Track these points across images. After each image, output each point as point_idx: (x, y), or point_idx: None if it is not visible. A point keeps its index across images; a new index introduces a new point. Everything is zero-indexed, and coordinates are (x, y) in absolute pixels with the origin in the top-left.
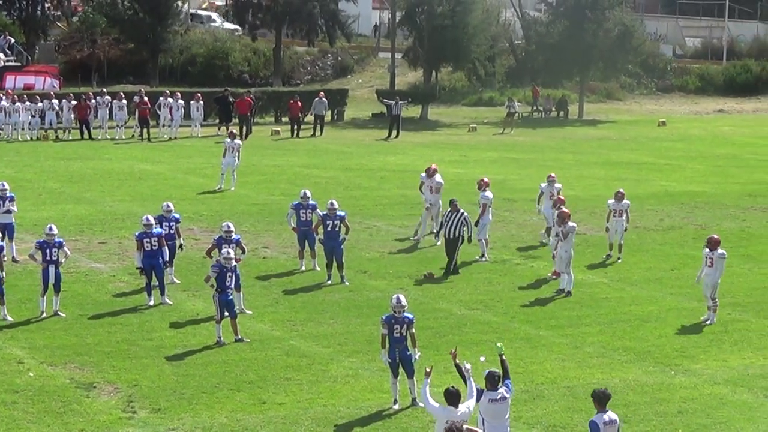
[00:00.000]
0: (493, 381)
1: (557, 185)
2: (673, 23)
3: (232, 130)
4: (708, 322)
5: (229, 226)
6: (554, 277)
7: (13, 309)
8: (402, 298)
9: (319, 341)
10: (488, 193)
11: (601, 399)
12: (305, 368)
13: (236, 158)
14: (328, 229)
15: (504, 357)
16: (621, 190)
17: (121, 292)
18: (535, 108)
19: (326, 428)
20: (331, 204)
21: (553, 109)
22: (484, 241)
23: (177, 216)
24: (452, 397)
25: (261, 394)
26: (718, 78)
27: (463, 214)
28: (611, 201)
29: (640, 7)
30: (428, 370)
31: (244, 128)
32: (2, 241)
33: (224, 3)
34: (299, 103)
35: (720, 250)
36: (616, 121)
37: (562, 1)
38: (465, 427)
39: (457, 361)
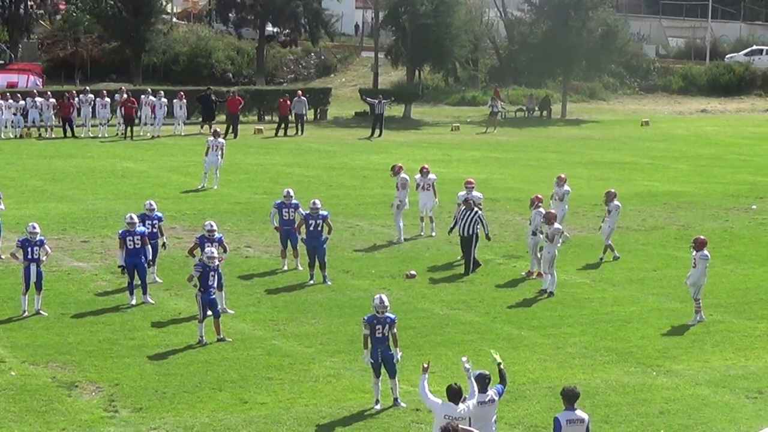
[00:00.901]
0: (482, 383)
1: (566, 187)
2: (657, 23)
3: (215, 128)
4: (690, 323)
5: (211, 225)
6: (527, 275)
7: None
8: (385, 298)
9: (301, 341)
10: (432, 176)
11: (569, 397)
12: (287, 368)
13: (219, 157)
14: (311, 228)
15: (502, 367)
16: (611, 190)
17: (104, 291)
18: (514, 109)
19: (308, 428)
20: (314, 203)
21: (537, 108)
22: None
23: (159, 214)
24: (454, 394)
25: (243, 394)
26: (701, 78)
27: (477, 212)
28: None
29: (623, 7)
30: (426, 365)
31: (232, 127)
32: None
33: (207, 3)
34: (288, 102)
35: (704, 252)
36: (599, 120)
37: (546, 1)
38: (461, 427)
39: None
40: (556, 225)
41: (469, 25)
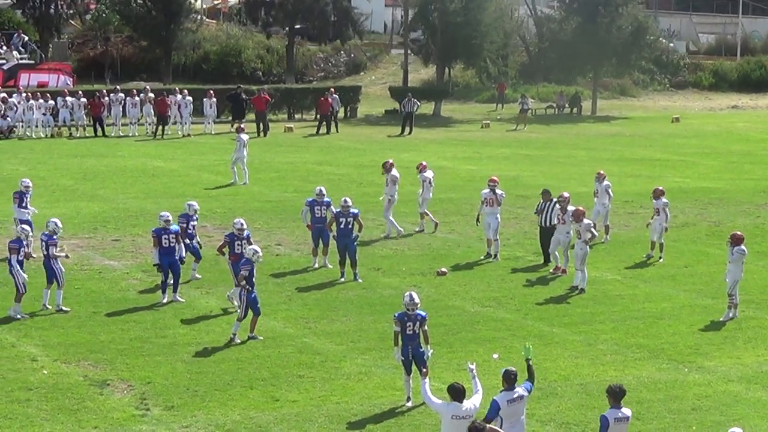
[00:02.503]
0: (509, 379)
1: (606, 182)
2: (687, 19)
3: (239, 125)
4: (722, 319)
5: (241, 224)
6: (559, 273)
7: (26, 307)
8: (415, 295)
9: (332, 338)
10: (428, 173)
11: (616, 394)
12: (318, 366)
13: (245, 152)
14: (342, 226)
15: (530, 363)
16: (659, 188)
17: (135, 290)
18: (499, 104)
19: (339, 425)
20: (345, 201)
21: (567, 105)
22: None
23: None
24: (457, 393)
25: (274, 392)
26: (731, 74)
27: (555, 202)
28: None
29: (653, 4)
30: (424, 370)
31: (261, 125)
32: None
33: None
34: (329, 100)
35: (741, 246)
36: (629, 117)
37: None
38: (488, 426)
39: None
40: (586, 221)
41: (499, 22)
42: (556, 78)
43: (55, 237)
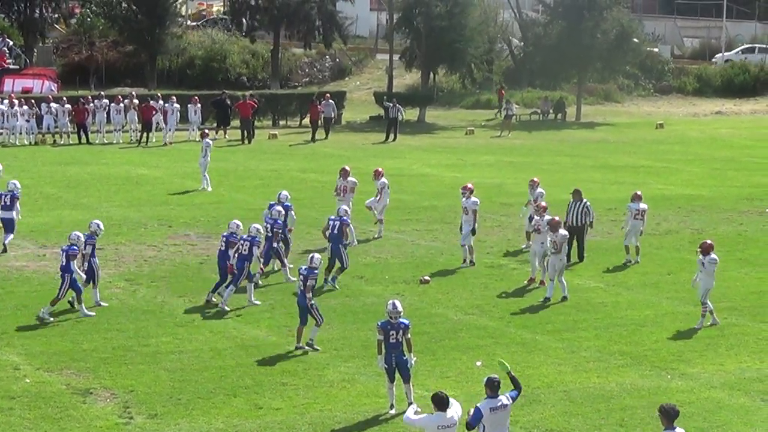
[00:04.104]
0: (493, 387)
1: (539, 190)
2: (671, 23)
3: (203, 129)
4: (696, 326)
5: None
6: (528, 283)
7: (9, 316)
8: (397, 303)
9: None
10: (385, 179)
11: (669, 415)
12: (301, 373)
13: (204, 157)
14: (331, 231)
15: (512, 374)
16: (637, 192)
17: (117, 299)
18: (499, 110)
19: None
20: (345, 212)
21: (551, 111)
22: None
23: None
24: (441, 402)
25: (257, 400)
26: (716, 79)
27: (586, 203)
28: None
29: (637, 8)
30: (410, 401)
31: (246, 132)
32: None
33: (222, 5)
34: (318, 106)
35: (712, 255)
36: (613, 123)
37: (560, 2)
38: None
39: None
40: (562, 231)
41: (483, 27)
42: (541, 83)
43: (95, 237)
